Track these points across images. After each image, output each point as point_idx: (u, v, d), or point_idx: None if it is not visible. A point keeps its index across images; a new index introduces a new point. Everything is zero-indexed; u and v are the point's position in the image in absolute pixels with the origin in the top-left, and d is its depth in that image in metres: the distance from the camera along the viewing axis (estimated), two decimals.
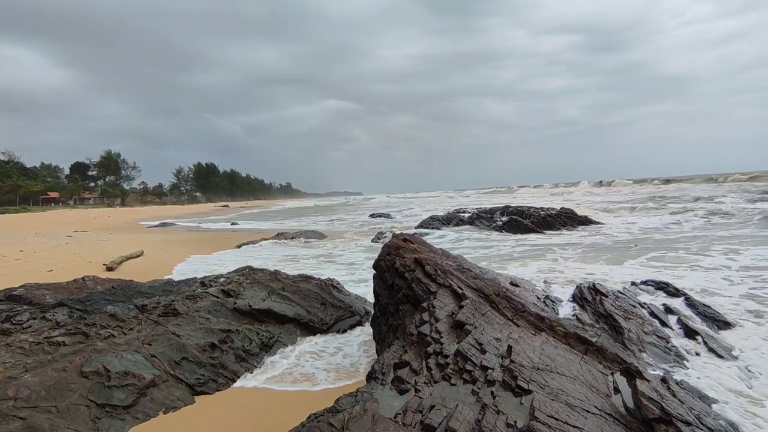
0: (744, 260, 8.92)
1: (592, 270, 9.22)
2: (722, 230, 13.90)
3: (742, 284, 7.06)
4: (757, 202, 20.95)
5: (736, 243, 11.12)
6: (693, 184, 44.51)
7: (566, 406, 2.72)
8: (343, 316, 6.27)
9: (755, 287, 6.82)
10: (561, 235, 15.59)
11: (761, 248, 10.10)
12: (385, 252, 5.13)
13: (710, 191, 31.22)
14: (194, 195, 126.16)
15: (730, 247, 10.63)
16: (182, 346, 4.56)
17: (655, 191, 37.64)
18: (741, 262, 8.71)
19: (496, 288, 4.37)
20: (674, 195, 30.85)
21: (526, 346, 3.39)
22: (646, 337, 4.28)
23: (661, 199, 28.40)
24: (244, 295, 5.99)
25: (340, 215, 37.00)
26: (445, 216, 20.71)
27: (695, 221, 16.71)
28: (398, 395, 3.09)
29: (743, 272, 7.88)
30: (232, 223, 32.33)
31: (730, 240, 11.74)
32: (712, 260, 9.22)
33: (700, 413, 2.84)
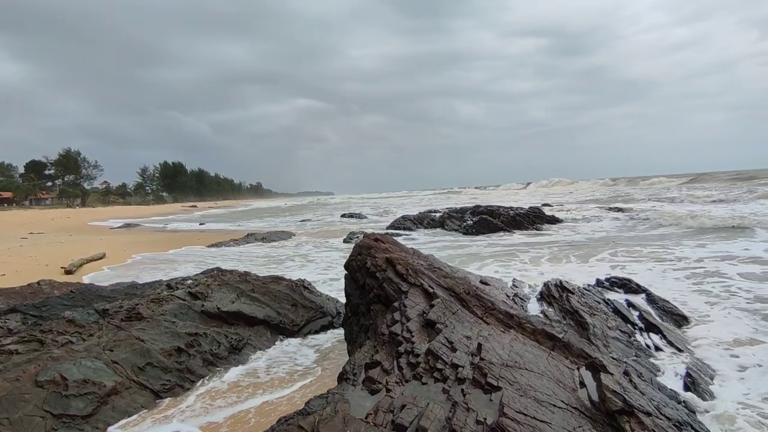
0: (693, 258, 9.37)
1: (559, 268, 9.48)
2: (667, 229, 14.56)
3: (690, 279, 7.42)
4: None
5: (690, 240, 11.68)
6: (655, 183, 46.75)
7: (534, 402, 2.77)
8: (315, 317, 6.21)
9: (700, 282, 7.19)
10: (530, 234, 15.96)
11: (701, 248, 10.63)
12: (357, 252, 5.11)
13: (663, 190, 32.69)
14: (160, 195, 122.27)
15: (688, 244, 11.14)
16: (146, 351, 4.40)
17: (616, 190, 39.19)
18: (692, 260, 9.16)
19: (467, 286, 4.42)
20: (634, 194, 32.17)
21: (496, 344, 3.44)
22: (610, 332, 4.42)
23: (618, 198, 29.67)
24: (212, 297, 5.84)
25: (311, 215, 36.67)
26: (417, 216, 20.84)
27: (643, 221, 17.37)
28: (369, 395, 3.08)
29: (694, 269, 8.29)
30: (201, 224, 31.54)
31: (685, 238, 12.30)
32: (672, 257, 9.64)
33: (659, 404, 2.96)
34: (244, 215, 44.29)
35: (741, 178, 41.47)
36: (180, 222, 35.12)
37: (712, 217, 15.01)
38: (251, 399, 4.18)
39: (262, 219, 36.24)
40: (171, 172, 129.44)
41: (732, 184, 36.87)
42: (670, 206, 22.72)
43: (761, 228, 12.45)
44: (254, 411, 3.94)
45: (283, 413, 2.92)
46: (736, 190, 30.12)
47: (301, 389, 4.33)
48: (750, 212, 17.59)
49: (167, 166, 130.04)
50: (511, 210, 18.64)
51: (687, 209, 19.82)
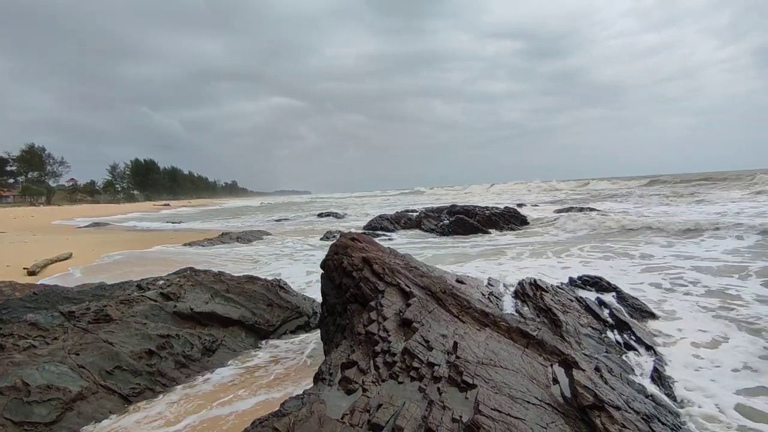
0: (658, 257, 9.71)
1: (533, 266, 9.66)
2: (640, 226, 15.05)
3: (655, 277, 7.69)
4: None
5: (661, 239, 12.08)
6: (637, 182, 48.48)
7: (509, 399, 2.81)
8: (291, 317, 6.15)
9: (666, 280, 7.46)
10: (505, 234, 16.20)
11: (663, 248, 11.03)
12: (333, 251, 5.08)
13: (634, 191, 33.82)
14: (131, 193, 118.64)
15: (661, 243, 11.52)
16: (115, 354, 4.26)
17: (589, 190, 40.33)
18: (656, 259, 9.48)
19: (443, 285, 4.45)
20: (606, 193, 33.15)
21: (472, 342, 3.47)
22: (583, 329, 4.52)
23: (590, 199, 30.58)
24: (185, 297, 5.71)
25: (287, 214, 36.28)
26: (394, 215, 20.88)
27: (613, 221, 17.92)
28: (346, 395, 3.06)
29: (658, 268, 8.58)
30: (174, 223, 30.79)
31: (659, 237, 12.71)
32: (643, 255, 9.95)
33: (628, 398, 3.04)
34: (219, 214, 43.49)
35: (695, 179, 43.37)
36: (152, 221, 34.21)
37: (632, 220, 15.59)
38: (225, 403, 4.10)
39: (237, 218, 35.67)
40: (143, 169, 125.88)
41: (687, 185, 38.38)
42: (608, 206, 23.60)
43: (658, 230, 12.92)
44: (228, 415, 3.86)
45: (258, 416, 2.87)
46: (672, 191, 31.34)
47: (276, 391, 4.28)
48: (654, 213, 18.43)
49: (138, 163, 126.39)
50: (486, 210, 18.87)
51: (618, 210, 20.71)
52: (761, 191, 25.55)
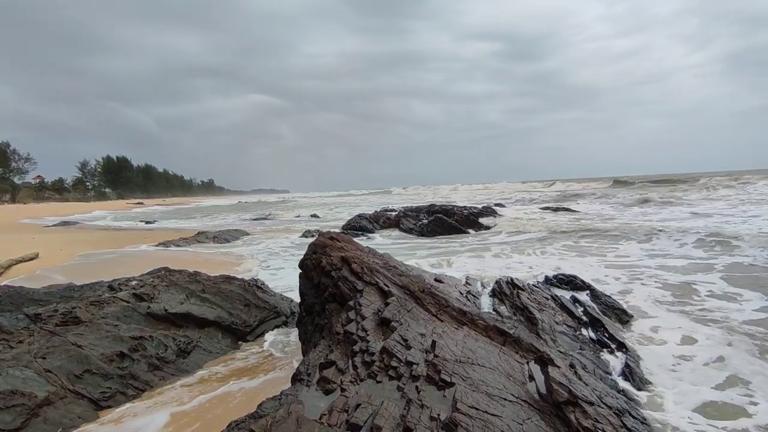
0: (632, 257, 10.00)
1: (511, 264, 9.80)
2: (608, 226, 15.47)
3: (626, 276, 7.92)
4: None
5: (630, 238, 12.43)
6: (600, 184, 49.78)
7: (486, 396, 2.84)
8: (268, 317, 6.07)
9: (634, 279, 7.69)
10: (482, 232, 16.38)
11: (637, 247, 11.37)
12: (311, 251, 5.04)
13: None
14: (103, 191, 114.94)
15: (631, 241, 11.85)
16: (84, 358, 4.12)
17: (562, 190, 41.23)
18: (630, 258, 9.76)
19: (421, 284, 4.47)
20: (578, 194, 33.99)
21: (450, 340, 3.50)
22: (558, 327, 4.62)
23: (561, 199, 31.42)
24: (160, 298, 5.57)
25: (265, 213, 35.85)
26: (373, 214, 20.88)
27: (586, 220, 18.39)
28: (324, 396, 3.04)
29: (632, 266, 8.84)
30: (148, 222, 30.02)
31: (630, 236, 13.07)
32: (616, 254, 10.21)
33: (601, 394, 3.12)
34: (195, 213, 42.64)
35: (665, 181, 44.83)
36: (125, 220, 33.29)
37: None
38: (203, 406, 4.02)
39: (213, 217, 35.05)
40: (115, 167, 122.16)
41: (653, 186, 39.54)
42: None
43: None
44: (205, 418, 3.79)
45: (233, 418, 2.82)
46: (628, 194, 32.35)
47: (253, 392, 4.22)
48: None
49: (111, 160, 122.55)
50: (465, 209, 19.07)
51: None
52: (709, 197, 26.38)
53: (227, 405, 3.98)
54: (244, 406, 3.83)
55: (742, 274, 7.60)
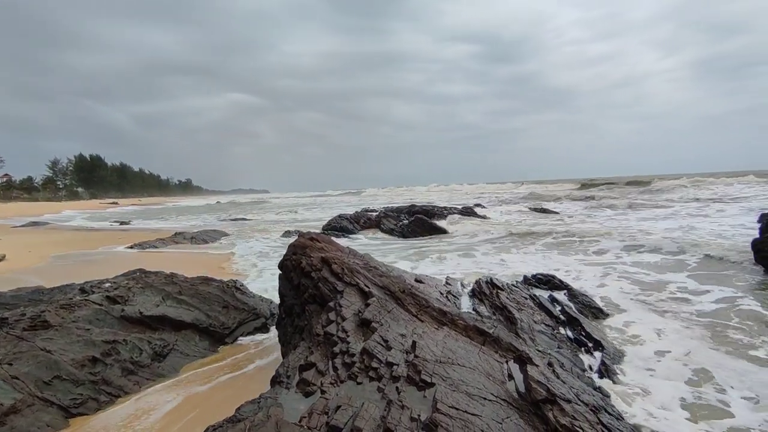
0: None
1: (490, 264, 9.91)
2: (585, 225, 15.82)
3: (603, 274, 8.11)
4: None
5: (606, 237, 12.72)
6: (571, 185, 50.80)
7: (466, 396, 2.86)
8: (247, 319, 5.98)
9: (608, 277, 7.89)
10: (461, 234, 16.51)
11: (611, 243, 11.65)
12: (291, 251, 4.99)
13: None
14: (75, 191, 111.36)
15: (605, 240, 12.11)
16: (54, 363, 3.98)
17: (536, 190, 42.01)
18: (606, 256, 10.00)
19: (402, 285, 4.47)
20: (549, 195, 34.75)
21: (430, 341, 3.51)
22: (536, 326, 4.68)
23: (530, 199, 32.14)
24: (134, 301, 5.43)
25: (245, 214, 35.37)
26: (354, 215, 20.81)
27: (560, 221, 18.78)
28: (304, 398, 3.01)
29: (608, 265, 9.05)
30: (123, 222, 29.26)
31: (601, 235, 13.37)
32: (593, 252, 10.43)
33: (578, 391, 3.17)
34: (172, 213, 41.76)
35: (635, 182, 45.90)
36: (98, 220, 32.37)
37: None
38: (179, 410, 3.93)
39: (191, 217, 34.38)
40: (88, 165, 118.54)
41: (621, 188, 40.48)
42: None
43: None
44: (182, 423, 3.70)
45: (210, 424, 2.77)
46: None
47: (232, 396, 4.14)
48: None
49: (83, 159, 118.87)
50: (445, 210, 19.20)
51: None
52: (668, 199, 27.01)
53: (205, 409, 3.90)
54: (223, 409, 3.76)
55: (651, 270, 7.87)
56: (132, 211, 48.47)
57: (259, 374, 4.61)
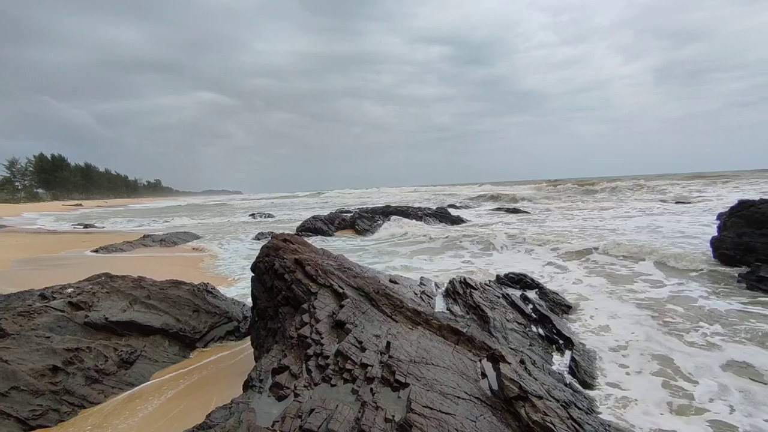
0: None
1: (465, 264, 10.02)
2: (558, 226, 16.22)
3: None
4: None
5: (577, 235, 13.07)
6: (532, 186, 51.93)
7: (440, 395, 2.87)
8: (219, 323, 5.85)
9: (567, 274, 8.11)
10: (438, 234, 16.65)
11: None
12: (264, 253, 4.91)
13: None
14: (35, 192, 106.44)
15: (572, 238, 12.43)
16: (11, 374, 3.79)
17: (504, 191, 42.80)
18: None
19: (376, 286, 4.46)
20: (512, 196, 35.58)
21: (404, 341, 3.51)
22: (509, 324, 4.76)
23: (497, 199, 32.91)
24: (99, 306, 5.23)
25: (216, 215, 34.68)
26: (328, 216, 20.68)
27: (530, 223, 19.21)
28: (277, 402, 2.96)
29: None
30: (87, 225, 28.18)
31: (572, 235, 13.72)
32: (560, 251, 10.68)
33: (549, 387, 3.23)
34: (140, 215, 40.51)
35: (595, 183, 47.24)
36: (61, 222, 31.07)
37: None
38: (148, 417, 3.80)
39: (160, 219, 33.41)
40: (49, 166, 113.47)
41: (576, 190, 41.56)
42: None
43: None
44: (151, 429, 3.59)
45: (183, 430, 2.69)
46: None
47: (203, 402, 4.04)
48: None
49: (44, 159, 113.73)
50: (419, 210, 19.31)
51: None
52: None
53: (175, 417, 3.79)
54: (193, 416, 3.67)
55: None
56: (97, 213, 46.73)
57: (232, 379, 4.51)
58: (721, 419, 3.45)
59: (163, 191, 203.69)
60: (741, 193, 24.01)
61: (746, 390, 3.79)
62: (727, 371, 4.15)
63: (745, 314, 5.49)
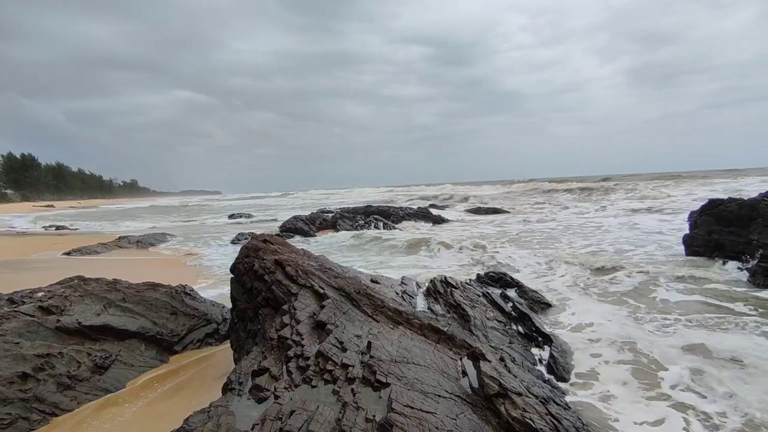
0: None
1: (444, 263, 10.09)
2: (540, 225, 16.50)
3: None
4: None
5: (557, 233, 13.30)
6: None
7: (421, 394, 2.88)
8: (198, 325, 5.74)
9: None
10: (417, 233, 16.72)
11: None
12: (244, 254, 4.85)
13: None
14: (3, 193, 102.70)
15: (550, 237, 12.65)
16: None
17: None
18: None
19: (357, 286, 4.45)
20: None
21: (385, 341, 3.51)
22: (489, 323, 4.81)
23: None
24: (72, 310, 5.08)
25: (195, 216, 34.09)
26: (309, 216, 20.56)
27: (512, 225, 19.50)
28: (256, 404, 2.93)
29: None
30: (59, 226, 27.34)
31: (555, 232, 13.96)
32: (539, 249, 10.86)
33: (528, 384, 3.28)
34: (115, 216, 39.54)
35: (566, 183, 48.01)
36: (32, 223, 30.07)
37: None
38: (122, 425, 3.71)
39: (139, 220, 32.68)
40: (18, 165, 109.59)
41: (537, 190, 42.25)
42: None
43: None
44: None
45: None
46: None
47: (182, 406, 3.96)
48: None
49: (13, 158, 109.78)
50: (401, 210, 19.38)
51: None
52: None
53: (152, 422, 3.71)
54: (171, 422, 3.59)
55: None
56: (71, 214, 45.38)
57: (211, 382, 4.44)
58: (687, 401, 3.59)
59: (140, 192, 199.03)
60: (713, 192, 24.80)
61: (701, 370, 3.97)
62: (689, 354, 4.36)
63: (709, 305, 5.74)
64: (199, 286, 7.92)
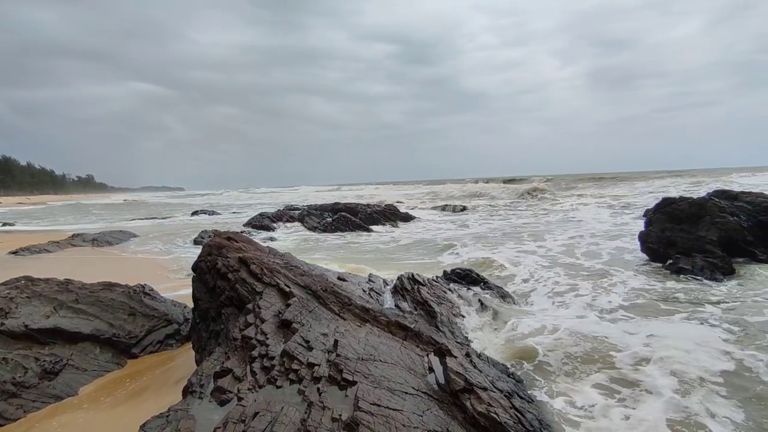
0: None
1: (412, 260, 10.15)
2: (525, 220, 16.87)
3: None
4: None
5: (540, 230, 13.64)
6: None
7: (388, 392, 2.87)
8: (157, 326, 5.53)
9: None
10: (386, 232, 16.76)
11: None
12: (206, 252, 4.69)
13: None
14: None
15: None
16: None
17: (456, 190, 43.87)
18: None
19: (324, 284, 4.40)
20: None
21: (352, 339, 3.48)
22: (455, 318, 4.86)
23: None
24: (18, 312, 4.77)
25: (156, 213, 32.86)
26: (276, 213, 20.22)
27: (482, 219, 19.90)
28: (219, 407, 2.84)
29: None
30: (5, 224, 25.72)
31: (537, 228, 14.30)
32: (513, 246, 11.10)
33: (493, 379, 3.34)
34: (69, 212, 37.60)
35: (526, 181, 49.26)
36: None
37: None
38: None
39: (95, 217, 31.20)
40: None
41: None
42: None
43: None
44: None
45: None
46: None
47: (139, 412, 3.79)
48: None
49: None
50: (368, 207, 19.36)
51: None
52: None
53: (106, 429, 3.54)
54: (128, 428, 3.44)
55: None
56: (18, 211, 42.76)
57: (171, 386, 4.28)
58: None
59: (96, 187, 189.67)
60: (663, 192, 26.06)
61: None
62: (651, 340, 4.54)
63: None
64: (159, 286, 7.61)
